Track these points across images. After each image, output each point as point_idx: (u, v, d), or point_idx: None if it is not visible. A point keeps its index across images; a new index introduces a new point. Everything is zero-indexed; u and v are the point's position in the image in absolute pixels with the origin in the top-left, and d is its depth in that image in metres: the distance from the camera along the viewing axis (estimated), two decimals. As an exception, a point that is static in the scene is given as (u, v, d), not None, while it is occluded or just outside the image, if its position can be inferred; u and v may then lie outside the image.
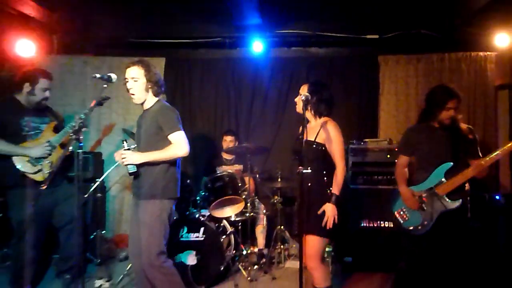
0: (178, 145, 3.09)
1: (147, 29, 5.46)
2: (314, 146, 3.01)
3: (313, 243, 2.97)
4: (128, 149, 3.01)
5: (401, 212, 3.40)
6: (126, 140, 3.01)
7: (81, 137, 2.40)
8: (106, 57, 5.65)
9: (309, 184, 2.95)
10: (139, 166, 3.02)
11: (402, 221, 3.39)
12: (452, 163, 3.16)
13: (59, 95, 5.48)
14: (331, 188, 2.98)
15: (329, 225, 2.90)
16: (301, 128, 3.09)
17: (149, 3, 5.25)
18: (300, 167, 2.46)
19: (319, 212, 2.94)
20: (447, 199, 3.16)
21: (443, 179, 3.18)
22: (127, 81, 3.09)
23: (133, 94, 3.11)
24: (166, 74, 5.62)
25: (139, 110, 5.72)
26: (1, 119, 3.61)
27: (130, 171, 3.02)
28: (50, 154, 3.67)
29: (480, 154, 3.23)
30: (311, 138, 3.03)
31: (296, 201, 3.25)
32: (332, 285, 3.13)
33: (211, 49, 5.68)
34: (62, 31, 5.43)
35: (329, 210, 2.92)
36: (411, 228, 3.32)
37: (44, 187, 2.38)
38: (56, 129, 3.87)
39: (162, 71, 5.64)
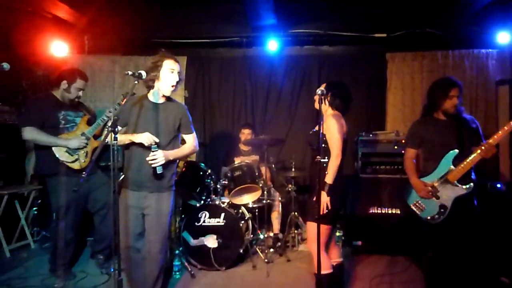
0: (193, 144, 3.19)
1: (170, 30, 5.53)
2: (324, 138, 3.00)
3: (312, 229, 2.98)
4: (157, 150, 2.88)
5: (417, 204, 3.31)
6: (157, 143, 2.91)
7: (116, 129, 2.44)
8: (133, 57, 5.72)
9: (326, 173, 2.92)
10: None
11: (419, 212, 3.30)
12: (457, 150, 3.12)
13: (90, 92, 5.59)
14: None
15: (321, 211, 2.88)
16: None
17: (172, 6, 5.31)
18: (318, 157, 2.45)
19: (314, 199, 2.93)
20: (459, 185, 3.12)
21: (452, 167, 3.12)
22: (172, 72, 2.97)
23: (173, 86, 3.00)
24: (188, 71, 5.70)
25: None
26: (41, 113, 3.70)
27: (158, 172, 2.92)
28: (86, 145, 3.78)
29: (483, 138, 3.17)
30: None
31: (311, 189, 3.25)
32: (336, 271, 3.15)
33: (229, 48, 5.72)
34: (93, 33, 5.51)
35: (322, 198, 2.91)
36: (429, 217, 3.23)
37: (85, 174, 2.45)
38: (89, 122, 3.96)
39: (184, 69, 5.71)
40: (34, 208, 5.12)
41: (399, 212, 4.52)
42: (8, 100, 5.23)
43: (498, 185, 4.34)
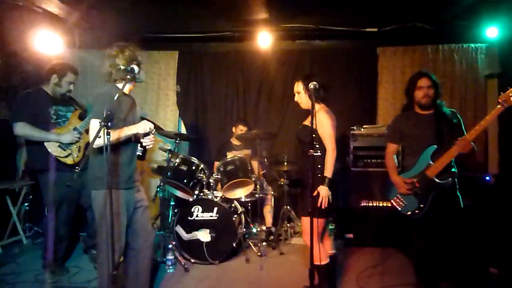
0: None
1: (161, 24, 5.48)
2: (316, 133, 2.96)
3: (307, 223, 2.92)
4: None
5: (397, 200, 3.35)
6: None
7: (109, 124, 2.44)
8: (124, 51, 5.67)
9: (319, 166, 2.94)
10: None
11: (399, 208, 3.33)
12: (436, 146, 3.14)
13: (81, 87, 5.55)
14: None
15: (324, 205, 2.95)
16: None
17: (163, 1, 5.26)
18: (311, 151, 2.47)
19: (314, 194, 2.95)
20: (438, 180, 3.13)
21: (430, 162, 3.14)
22: None
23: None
24: (180, 66, 5.70)
25: (155, 100, 5.84)
26: (33, 108, 3.69)
27: (141, 154, 2.99)
28: (79, 140, 3.77)
29: (465, 132, 3.17)
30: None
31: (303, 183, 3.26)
32: (330, 263, 3.20)
33: (221, 42, 5.72)
34: (84, 28, 5.46)
35: (323, 192, 2.96)
36: (409, 213, 3.26)
37: (78, 169, 2.45)
38: (81, 117, 3.95)
39: (176, 63, 5.70)
40: (26, 204, 5.10)
41: (390, 205, 4.57)
42: (-1, 96, 5.19)
43: (487, 177, 4.42)
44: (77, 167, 2.49)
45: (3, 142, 5.15)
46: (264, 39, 5.29)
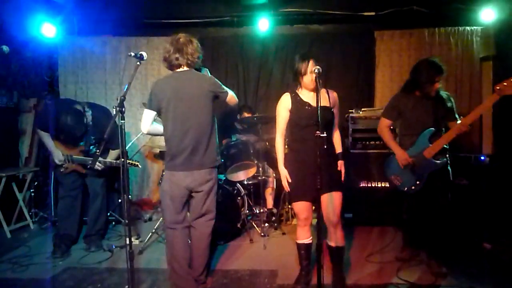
0: None
1: (160, 10, 5.54)
2: (332, 111, 3.08)
3: (340, 199, 3.09)
4: None
5: (396, 177, 3.61)
6: None
7: (124, 109, 2.52)
8: (123, 37, 5.76)
9: (325, 147, 2.83)
10: None
11: (398, 184, 3.60)
12: (434, 129, 3.37)
13: (82, 73, 5.63)
14: None
15: (343, 179, 3.13)
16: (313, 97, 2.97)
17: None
18: (318, 132, 2.58)
19: (339, 169, 3.11)
20: (434, 160, 3.37)
21: (428, 144, 3.37)
22: None
23: None
24: (179, 51, 5.75)
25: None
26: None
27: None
28: (62, 167, 4.06)
29: (457, 116, 3.43)
30: (325, 104, 3.04)
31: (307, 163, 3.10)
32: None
33: (221, 27, 5.78)
34: (82, 14, 5.50)
35: (343, 167, 3.14)
36: (406, 188, 3.54)
37: (99, 152, 2.63)
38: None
39: (175, 49, 5.76)
40: (31, 190, 5.22)
41: (387, 185, 4.75)
42: (-2, 84, 5.25)
43: (482, 158, 4.59)
44: (97, 151, 2.60)
45: (6, 130, 5.25)
46: (263, 24, 5.37)
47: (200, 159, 3.04)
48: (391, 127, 3.79)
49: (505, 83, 2.95)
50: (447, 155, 3.44)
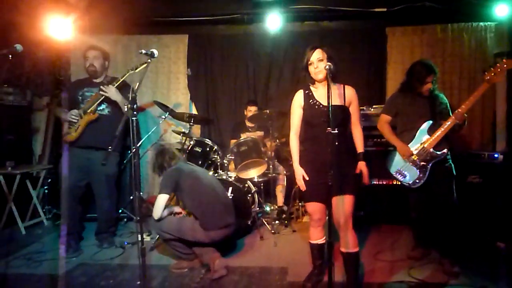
0: None
1: (171, 8, 5.54)
2: (345, 109, 3.01)
3: (352, 203, 2.99)
4: None
5: (400, 172, 3.65)
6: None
7: (135, 106, 2.54)
8: (134, 36, 5.81)
9: (337, 144, 2.67)
10: None
11: (402, 179, 3.64)
12: (432, 121, 3.50)
13: (94, 72, 5.67)
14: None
15: (367, 181, 3.03)
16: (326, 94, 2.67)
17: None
18: (329, 128, 2.49)
19: (358, 171, 2.98)
20: (436, 151, 3.45)
21: (428, 136, 3.48)
22: None
23: None
24: (190, 49, 5.82)
25: (166, 84, 5.96)
26: (69, 95, 4.14)
27: None
28: (76, 121, 4.03)
29: (451, 113, 3.46)
30: (337, 102, 2.94)
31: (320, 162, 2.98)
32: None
33: (231, 25, 5.79)
34: (94, 13, 5.53)
35: (365, 168, 3.00)
36: (411, 182, 3.58)
37: (111, 149, 2.66)
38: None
39: (186, 47, 5.80)
40: (45, 187, 5.30)
41: (399, 183, 4.72)
42: (11, 82, 5.32)
43: (495, 155, 4.53)
44: (110, 147, 2.64)
45: (19, 128, 5.33)
46: (273, 21, 5.36)
47: None
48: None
49: (493, 73, 3.21)
50: (448, 149, 3.51)
